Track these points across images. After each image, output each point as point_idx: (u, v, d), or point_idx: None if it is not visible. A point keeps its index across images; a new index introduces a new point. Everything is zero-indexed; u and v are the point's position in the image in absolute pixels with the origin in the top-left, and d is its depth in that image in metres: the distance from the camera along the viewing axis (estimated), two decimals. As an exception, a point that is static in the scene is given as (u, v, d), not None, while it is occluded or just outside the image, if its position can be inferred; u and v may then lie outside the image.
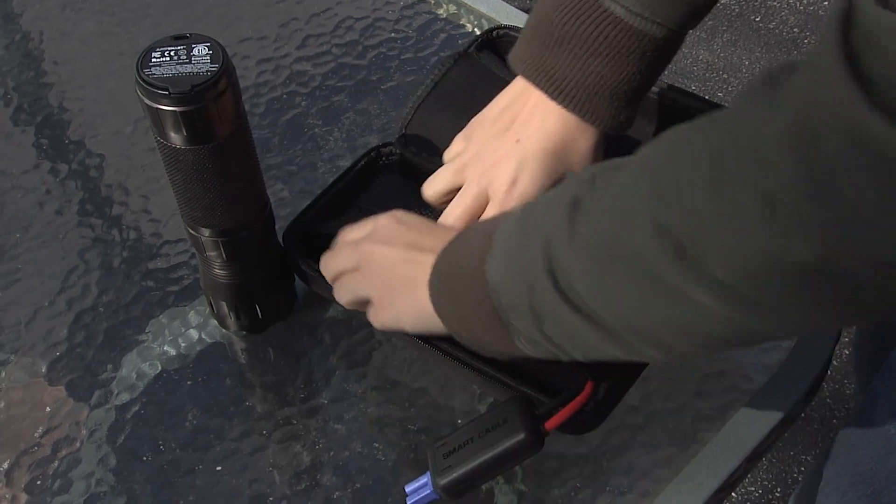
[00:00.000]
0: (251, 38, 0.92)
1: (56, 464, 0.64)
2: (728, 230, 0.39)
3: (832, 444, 0.78)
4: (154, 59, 0.55)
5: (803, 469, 1.47)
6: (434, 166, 0.70)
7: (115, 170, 0.82)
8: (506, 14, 0.91)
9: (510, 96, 0.67)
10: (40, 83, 0.90)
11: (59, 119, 0.87)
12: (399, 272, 0.59)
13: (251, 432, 0.65)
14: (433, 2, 0.94)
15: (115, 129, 0.85)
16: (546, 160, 0.64)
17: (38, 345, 0.70)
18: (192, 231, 0.63)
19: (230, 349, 0.70)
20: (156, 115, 0.55)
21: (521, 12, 0.91)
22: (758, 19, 2.13)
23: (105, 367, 0.69)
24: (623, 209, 0.44)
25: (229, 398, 0.67)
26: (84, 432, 0.66)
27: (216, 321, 0.71)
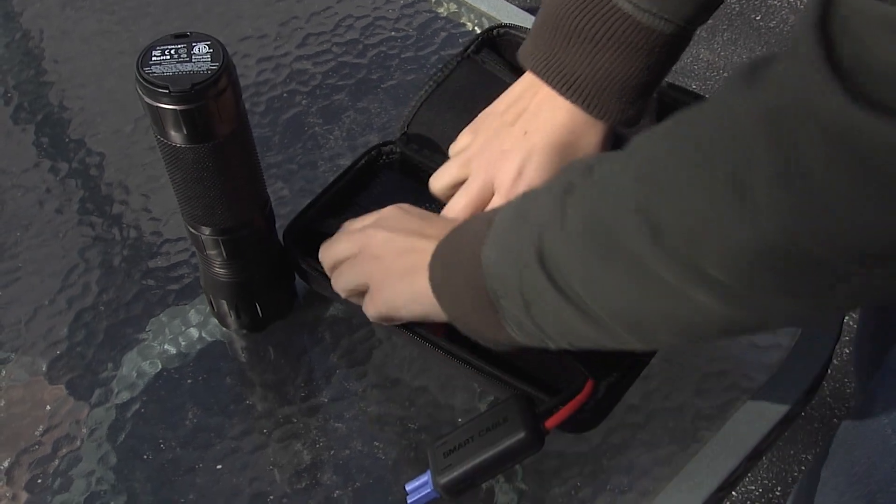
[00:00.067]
0: (251, 36, 0.92)
1: (56, 462, 0.64)
2: (702, 213, 0.40)
3: (830, 443, 0.78)
4: (154, 58, 0.55)
5: (803, 468, 1.47)
6: (435, 165, 0.70)
7: (115, 168, 0.82)
8: (506, 13, 0.91)
9: (518, 90, 0.67)
10: (40, 82, 0.90)
11: (59, 118, 0.87)
12: (400, 258, 0.60)
13: (251, 431, 0.65)
14: (433, 0, 0.94)
15: (116, 127, 0.85)
16: (553, 153, 0.64)
17: (38, 343, 0.70)
18: (192, 230, 0.63)
19: (230, 348, 0.70)
20: (156, 113, 0.55)
21: (521, 11, 0.91)
22: (758, 18, 2.13)
23: (105, 365, 0.69)
24: (609, 193, 0.45)
25: (230, 397, 0.67)
26: (84, 431, 0.66)
27: (216, 320, 0.71)
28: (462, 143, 0.69)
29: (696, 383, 0.66)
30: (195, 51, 0.56)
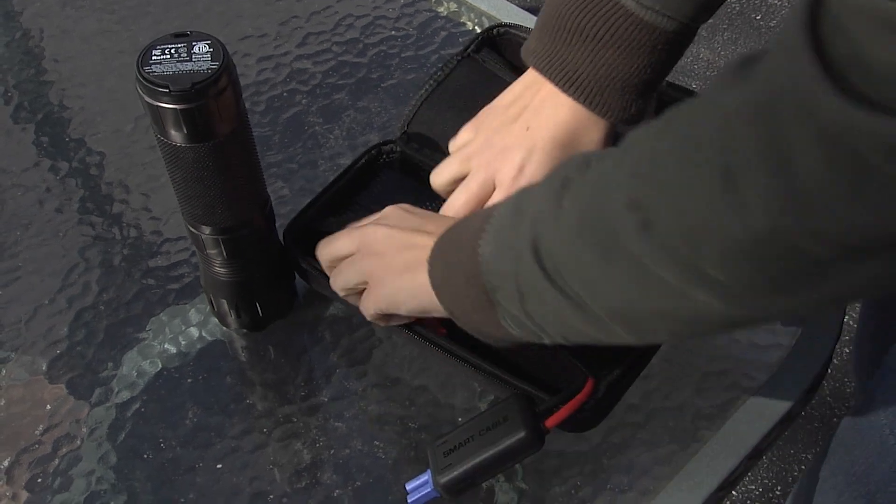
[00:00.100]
0: (251, 35, 0.92)
1: (56, 462, 0.64)
2: (693, 208, 0.40)
3: (830, 443, 0.78)
4: (154, 57, 0.55)
5: (803, 467, 1.47)
6: (435, 164, 0.70)
7: (115, 168, 0.82)
8: (506, 12, 0.91)
9: (521, 87, 0.67)
10: (41, 81, 0.90)
11: (59, 117, 0.87)
12: (400, 254, 0.59)
13: (251, 430, 0.65)
14: (433, 0, 0.94)
15: (116, 126, 0.85)
16: (555, 149, 0.64)
17: (38, 343, 0.70)
18: (192, 229, 0.63)
19: (230, 347, 0.70)
20: (156, 112, 0.55)
21: (521, 10, 0.91)
22: (758, 17, 2.13)
23: (105, 364, 0.69)
24: (603, 188, 0.45)
25: (230, 396, 0.67)
26: (84, 430, 0.66)
27: (217, 319, 0.71)
28: (463, 139, 0.69)
29: (697, 382, 0.66)
30: (195, 50, 0.56)
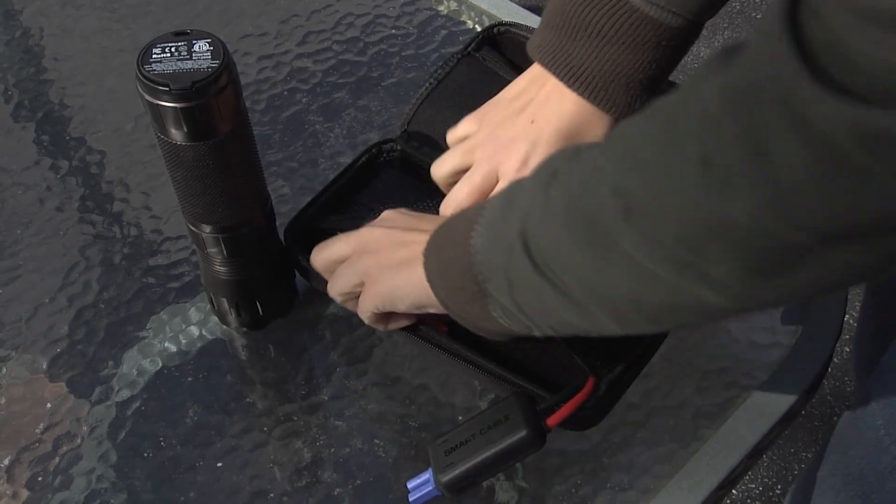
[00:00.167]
0: (252, 34, 0.92)
1: (57, 460, 0.64)
2: (670, 189, 0.40)
3: (827, 442, 0.78)
4: (155, 56, 0.55)
5: (803, 466, 1.47)
6: (435, 163, 0.70)
7: (115, 166, 0.82)
8: (506, 10, 0.91)
9: (525, 82, 0.67)
10: (41, 80, 0.90)
11: (59, 116, 0.87)
12: (396, 251, 0.59)
13: (252, 429, 0.65)
14: (434, -2, 0.94)
15: (116, 125, 0.85)
16: (559, 143, 0.64)
17: (38, 341, 0.70)
18: (192, 228, 0.63)
19: (231, 346, 0.70)
20: (157, 111, 0.55)
21: (521, 9, 0.91)
22: (759, 16, 2.13)
23: (106, 363, 0.69)
24: (590, 177, 0.45)
25: (230, 395, 0.67)
26: (85, 429, 0.66)
27: (217, 318, 0.71)
28: (463, 130, 0.69)
29: (697, 381, 0.66)
30: (196, 48, 0.56)
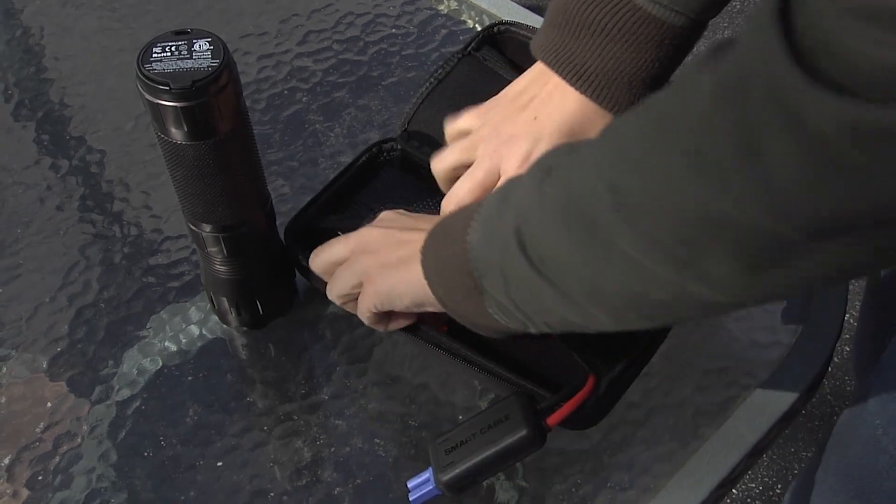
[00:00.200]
0: (252, 33, 0.92)
1: (57, 459, 0.64)
2: (662, 184, 0.40)
3: (826, 441, 0.78)
4: (155, 55, 0.55)
5: (803, 465, 1.47)
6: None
7: (116, 166, 0.82)
8: (507, 10, 0.91)
9: (529, 79, 0.67)
10: (41, 79, 0.90)
11: (59, 115, 0.87)
12: (395, 250, 0.60)
13: (252, 428, 0.66)
14: (434, -2, 0.94)
15: (116, 124, 0.85)
16: (562, 140, 0.64)
17: (39, 340, 0.70)
18: (193, 227, 0.63)
19: (231, 345, 0.70)
20: (157, 110, 0.55)
21: (521, 8, 0.91)
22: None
23: (106, 362, 0.69)
24: (584, 172, 0.46)
25: (230, 394, 0.67)
26: (85, 428, 0.66)
27: (217, 317, 0.71)
28: (463, 124, 0.68)
29: (697, 380, 0.66)
30: (196, 48, 0.56)
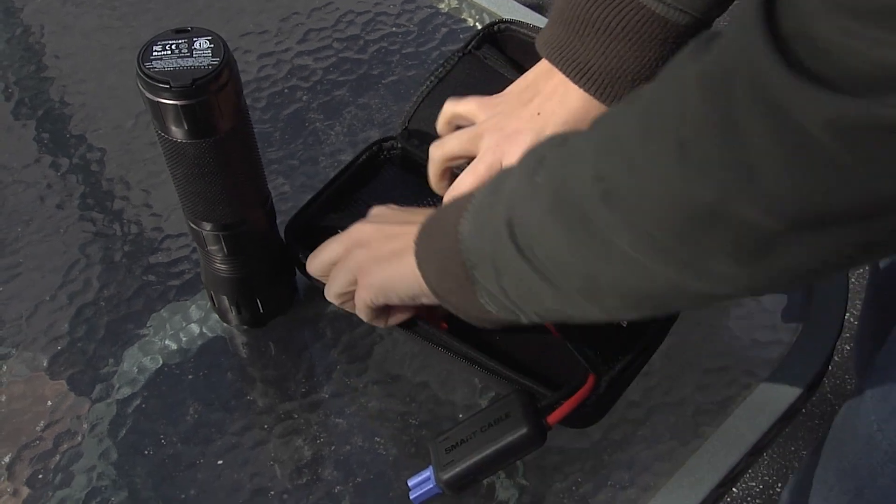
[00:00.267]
0: (252, 32, 0.92)
1: (57, 458, 0.64)
2: (647, 173, 0.40)
3: (824, 438, 0.78)
4: (155, 53, 0.55)
5: (803, 463, 1.47)
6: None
7: (116, 164, 0.82)
8: (507, 8, 0.91)
9: (533, 75, 0.67)
10: (41, 77, 0.90)
11: (60, 113, 0.87)
12: (388, 243, 0.60)
13: (252, 426, 0.66)
14: (434, -4, 0.94)
15: (117, 123, 0.85)
16: None
17: (39, 339, 0.70)
18: (193, 225, 0.63)
19: (231, 343, 0.70)
20: (157, 108, 0.55)
21: (522, 6, 0.91)
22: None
23: (106, 361, 0.69)
24: (573, 163, 0.46)
25: (230, 392, 0.67)
26: (85, 426, 0.66)
27: (217, 315, 0.71)
28: (463, 108, 0.68)
29: (698, 379, 0.66)
30: (196, 46, 0.56)
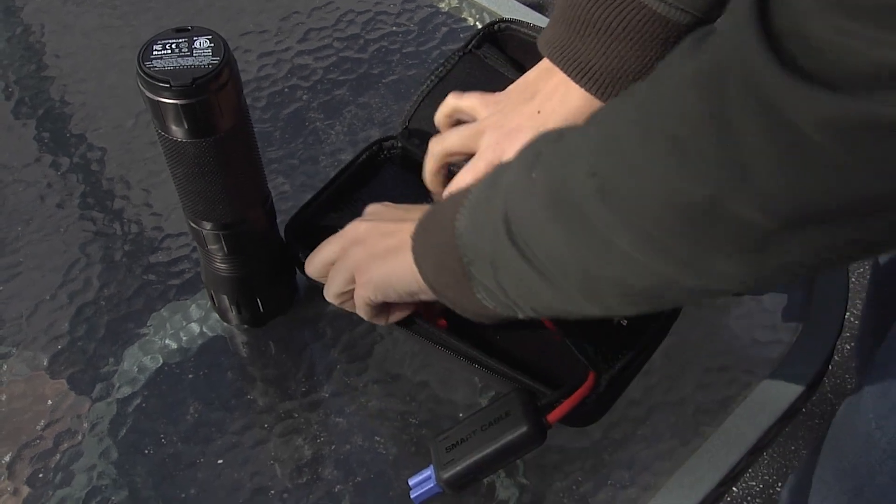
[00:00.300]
0: (252, 31, 0.92)
1: (58, 457, 0.64)
2: (642, 170, 0.41)
3: (824, 437, 0.78)
4: (155, 52, 0.55)
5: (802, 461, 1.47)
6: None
7: (116, 163, 0.82)
8: (507, 8, 0.91)
9: (535, 74, 0.67)
10: (42, 76, 0.90)
11: (60, 112, 0.87)
12: (384, 239, 0.60)
13: (252, 426, 0.66)
14: (435, -5, 0.94)
15: (117, 122, 0.85)
16: None
17: (39, 338, 0.70)
18: (193, 224, 0.63)
19: (231, 343, 0.70)
20: (157, 108, 0.55)
21: (522, 6, 0.91)
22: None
23: (106, 360, 0.69)
24: (569, 159, 0.46)
25: (230, 392, 0.67)
26: (86, 425, 0.66)
27: (217, 315, 0.71)
28: (464, 103, 0.68)
29: (698, 378, 0.66)
30: (196, 45, 0.56)
